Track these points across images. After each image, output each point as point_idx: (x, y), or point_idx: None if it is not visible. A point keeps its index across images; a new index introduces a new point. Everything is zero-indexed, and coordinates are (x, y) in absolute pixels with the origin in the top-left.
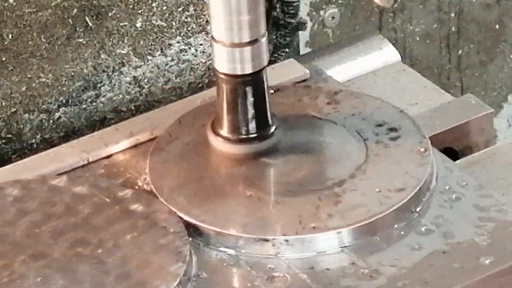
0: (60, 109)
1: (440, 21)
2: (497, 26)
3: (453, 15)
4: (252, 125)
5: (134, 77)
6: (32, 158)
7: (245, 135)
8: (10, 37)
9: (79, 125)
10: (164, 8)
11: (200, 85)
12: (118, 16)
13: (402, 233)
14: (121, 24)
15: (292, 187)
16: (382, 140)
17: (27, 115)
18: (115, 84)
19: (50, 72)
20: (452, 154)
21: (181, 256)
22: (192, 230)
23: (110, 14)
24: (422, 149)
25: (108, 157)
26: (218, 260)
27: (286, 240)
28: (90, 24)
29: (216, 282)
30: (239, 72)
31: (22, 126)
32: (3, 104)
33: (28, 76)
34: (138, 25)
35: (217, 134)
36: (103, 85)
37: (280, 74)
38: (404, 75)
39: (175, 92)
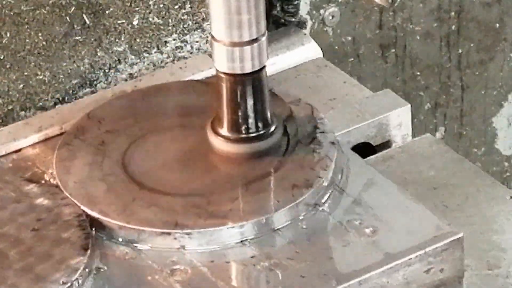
0: (56, 106)
1: (440, 20)
2: (497, 25)
3: (453, 14)
4: (252, 124)
5: (130, 74)
6: None
7: (245, 134)
8: (8, 35)
9: None
10: (161, 5)
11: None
12: (115, 13)
13: (305, 227)
14: (118, 21)
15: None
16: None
17: (23, 112)
18: (111, 81)
19: (47, 70)
20: (370, 148)
21: (82, 250)
22: (96, 224)
23: (107, 12)
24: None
25: (17, 151)
26: (121, 253)
27: (188, 234)
28: (88, 22)
29: (117, 275)
30: (239, 71)
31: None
32: (0, 101)
33: (26, 73)
34: (135, 22)
35: (216, 133)
36: (99, 82)
37: (193, 69)
38: (326, 70)
39: None
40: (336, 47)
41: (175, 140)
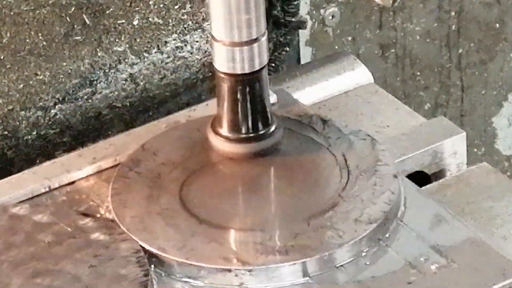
0: (56, 106)
1: (440, 20)
2: (497, 25)
3: (453, 14)
4: (252, 124)
5: (130, 74)
6: None
7: (245, 134)
8: (8, 35)
9: (74, 121)
10: (161, 5)
11: (195, 81)
12: (115, 13)
13: (368, 263)
14: (118, 21)
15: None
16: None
17: (23, 112)
18: (111, 81)
19: (47, 70)
20: (424, 177)
21: (141, 287)
22: (155, 260)
23: (107, 12)
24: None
25: (70, 183)
26: None
27: (249, 270)
28: (88, 22)
29: None
30: (239, 71)
31: (18, 123)
32: (0, 101)
33: (26, 74)
34: (135, 22)
35: (216, 133)
36: (99, 82)
37: None
38: (376, 96)
39: (169, 88)
40: (336, 47)
41: (233, 171)
